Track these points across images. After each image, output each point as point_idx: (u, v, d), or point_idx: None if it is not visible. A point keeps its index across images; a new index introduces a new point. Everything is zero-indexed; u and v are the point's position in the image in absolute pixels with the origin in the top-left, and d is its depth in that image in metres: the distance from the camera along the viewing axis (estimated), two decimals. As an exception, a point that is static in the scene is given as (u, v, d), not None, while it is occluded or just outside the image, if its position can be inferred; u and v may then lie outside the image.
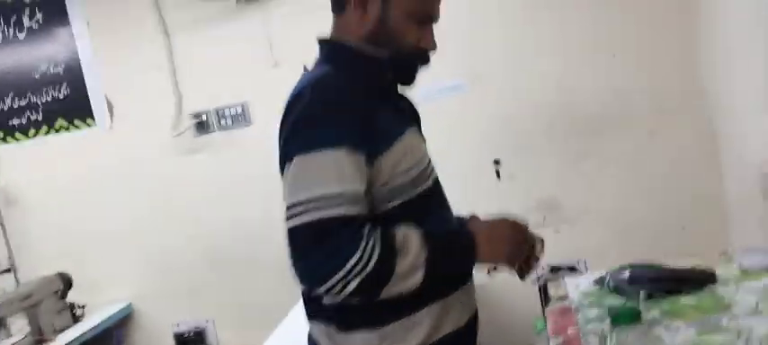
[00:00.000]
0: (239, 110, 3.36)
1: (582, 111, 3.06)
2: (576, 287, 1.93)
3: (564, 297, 1.94)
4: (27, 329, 3.28)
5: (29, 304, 3.22)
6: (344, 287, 1.18)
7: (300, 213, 1.20)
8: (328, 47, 1.41)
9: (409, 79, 1.43)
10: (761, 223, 2.57)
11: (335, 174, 1.20)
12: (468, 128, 3.14)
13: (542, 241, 1.46)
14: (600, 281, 1.87)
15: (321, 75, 1.34)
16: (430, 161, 1.45)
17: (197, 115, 3.39)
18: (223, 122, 3.39)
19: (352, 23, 1.36)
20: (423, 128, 1.50)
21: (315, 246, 1.19)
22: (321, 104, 1.26)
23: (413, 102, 1.51)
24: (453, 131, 3.11)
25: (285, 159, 1.26)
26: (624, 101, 3.01)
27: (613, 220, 3.08)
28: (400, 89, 1.46)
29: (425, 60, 1.41)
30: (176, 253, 3.56)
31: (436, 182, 1.44)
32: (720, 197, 2.96)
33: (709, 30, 2.76)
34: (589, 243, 3.09)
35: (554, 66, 3.04)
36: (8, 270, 3.59)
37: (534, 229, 1.45)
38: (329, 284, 1.18)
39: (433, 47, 1.40)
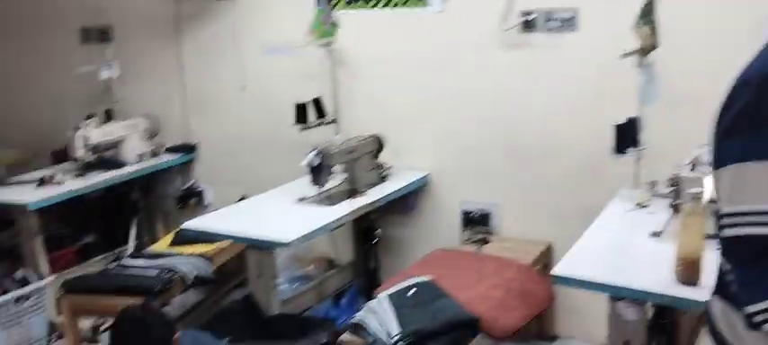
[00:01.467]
0: (569, 16, 3.39)
1: None
2: None
3: None
4: (343, 179, 3.72)
5: (350, 158, 3.64)
6: None
7: (742, 224, 1.07)
8: None
9: None
10: None
11: None
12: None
13: None
14: None
15: None
16: None
17: (526, 13, 3.48)
18: (550, 24, 3.45)
19: None
20: None
21: (751, 264, 1.07)
22: None
23: None
24: None
25: (720, 157, 1.13)
26: None
27: None
28: None
29: None
30: (475, 136, 3.77)
31: None
32: None
33: None
34: None
35: None
36: (333, 121, 4.04)
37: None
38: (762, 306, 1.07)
39: None
